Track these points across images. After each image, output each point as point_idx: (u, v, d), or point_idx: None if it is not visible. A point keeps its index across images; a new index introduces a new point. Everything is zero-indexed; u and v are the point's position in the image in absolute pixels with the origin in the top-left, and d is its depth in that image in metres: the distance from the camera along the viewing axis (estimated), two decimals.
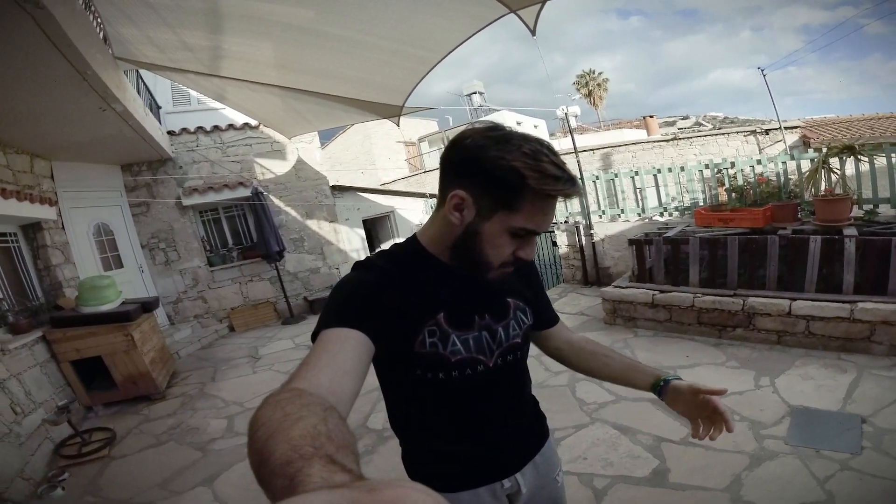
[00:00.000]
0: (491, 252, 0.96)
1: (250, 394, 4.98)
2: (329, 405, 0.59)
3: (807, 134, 11.17)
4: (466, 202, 0.93)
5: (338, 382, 0.72)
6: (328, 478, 0.40)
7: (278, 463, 0.44)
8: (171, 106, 8.56)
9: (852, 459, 2.54)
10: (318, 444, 0.46)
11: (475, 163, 0.90)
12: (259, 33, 4.20)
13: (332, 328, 0.86)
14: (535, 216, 0.92)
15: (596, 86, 36.14)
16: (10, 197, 4.70)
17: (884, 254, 3.76)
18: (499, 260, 0.97)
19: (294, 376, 0.71)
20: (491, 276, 1.00)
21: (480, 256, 0.97)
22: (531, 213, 0.91)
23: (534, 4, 3.53)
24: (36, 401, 4.21)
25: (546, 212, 0.93)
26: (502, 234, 0.93)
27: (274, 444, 0.48)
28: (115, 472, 3.73)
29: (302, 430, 0.49)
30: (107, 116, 4.98)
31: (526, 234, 0.95)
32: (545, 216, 0.94)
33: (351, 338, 0.84)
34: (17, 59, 3.40)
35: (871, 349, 3.67)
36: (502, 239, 0.94)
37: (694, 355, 4.22)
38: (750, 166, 5.68)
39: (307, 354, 0.79)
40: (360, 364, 0.82)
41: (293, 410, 0.54)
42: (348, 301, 0.93)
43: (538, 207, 0.91)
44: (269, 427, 0.51)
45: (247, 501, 3.07)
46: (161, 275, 8.01)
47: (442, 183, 0.98)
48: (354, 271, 1.03)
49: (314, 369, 0.73)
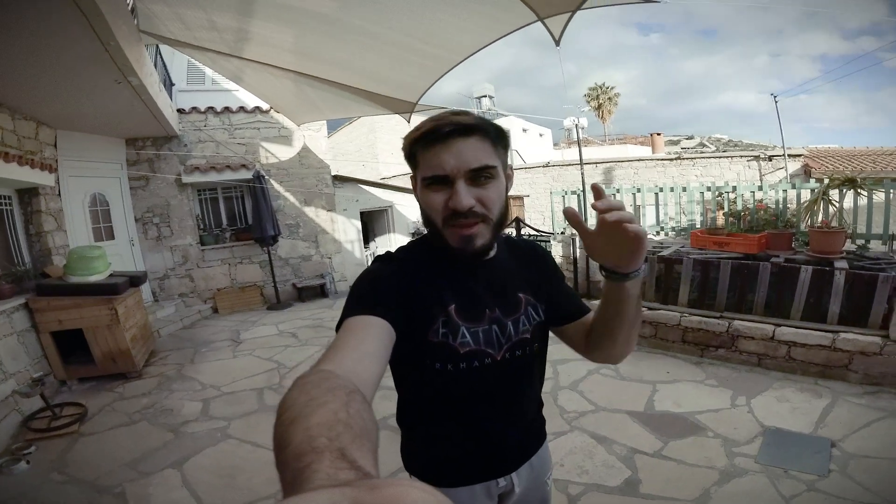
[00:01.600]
0: (429, 211, 1.01)
1: (228, 378, 4.95)
2: (353, 388, 0.60)
3: (809, 163, 11.25)
4: (414, 181, 1.05)
5: (363, 365, 0.75)
6: (333, 475, 0.40)
7: (293, 454, 0.45)
8: (184, 84, 8.56)
9: (819, 481, 2.60)
10: (333, 435, 0.47)
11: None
12: (286, 20, 4.18)
13: (356, 316, 0.89)
14: (430, 161, 0.97)
15: (607, 100, 36.23)
16: (11, 161, 4.68)
17: (870, 288, 3.86)
18: (438, 215, 1.00)
19: (322, 359, 0.74)
20: (450, 241, 1.00)
21: (429, 221, 1.03)
22: (426, 160, 0.98)
23: (563, 13, 3.50)
24: (7, 371, 4.08)
25: (442, 155, 0.96)
26: (424, 190, 1.00)
27: (293, 431, 0.49)
28: (83, 448, 3.66)
29: (321, 417, 0.50)
30: (121, 89, 4.95)
31: (433, 181, 0.98)
32: (441, 158, 0.96)
33: (374, 324, 0.87)
34: (40, 25, 3.37)
35: (848, 377, 3.76)
36: (427, 196, 0.99)
37: (675, 371, 4.26)
38: (751, 192, 5.72)
39: (334, 339, 0.83)
40: (384, 349, 0.86)
41: (318, 394, 0.56)
42: (371, 290, 0.97)
43: (429, 155, 0.97)
44: (293, 412, 0.53)
45: (217, 486, 3.04)
46: (151, 249, 7.99)
47: None
48: (375, 263, 1.08)
49: (341, 352, 0.77)
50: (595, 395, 3.91)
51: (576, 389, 4.06)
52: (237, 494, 2.93)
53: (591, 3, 3.34)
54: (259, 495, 2.87)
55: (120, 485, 3.10)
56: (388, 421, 3.56)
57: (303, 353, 5.61)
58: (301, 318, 7.42)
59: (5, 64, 3.96)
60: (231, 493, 2.96)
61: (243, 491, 2.95)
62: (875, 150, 13.44)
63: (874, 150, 13.44)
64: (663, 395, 3.83)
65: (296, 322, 7.21)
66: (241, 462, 3.30)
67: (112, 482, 3.15)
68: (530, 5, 3.42)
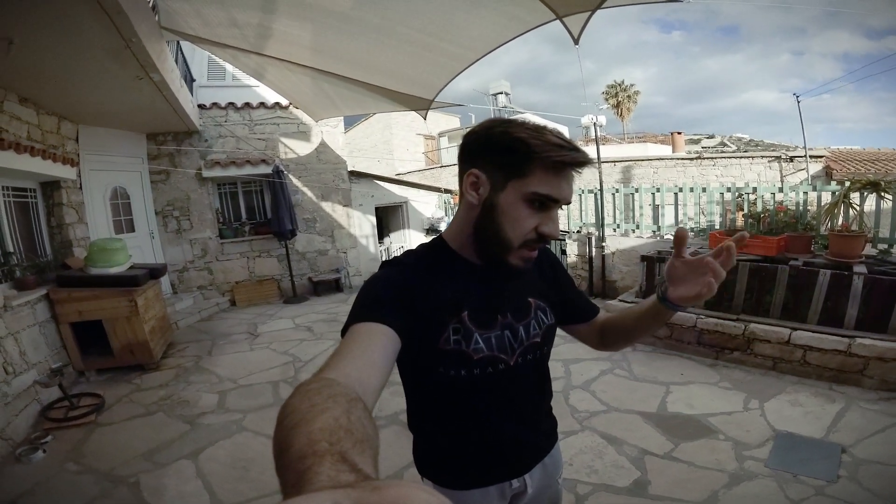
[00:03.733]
0: (509, 226, 0.97)
1: (245, 371, 5.01)
2: (355, 396, 0.60)
3: (831, 165, 11.03)
4: (481, 179, 0.97)
5: (366, 374, 0.75)
6: (335, 477, 0.41)
7: (294, 457, 0.46)
8: (205, 79, 8.62)
9: (827, 486, 2.58)
10: (334, 440, 0.48)
11: (484, 141, 0.98)
12: (304, 17, 4.19)
13: (362, 323, 0.88)
14: (547, 182, 0.93)
15: (626, 97, 35.82)
16: (36, 155, 4.79)
17: (890, 293, 3.80)
18: (519, 236, 0.97)
19: (325, 366, 0.74)
20: (513, 261, 1.00)
21: (500, 233, 0.98)
22: (543, 178, 0.93)
23: (582, 12, 3.46)
24: (30, 361, 4.19)
25: (559, 180, 0.94)
26: (518, 203, 0.95)
27: (294, 435, 0.49)
28: (100, 439, 3.72)
29: (323, 422, 0.51)
30: (142, 85, 5.02)
31: (542, 200, 0.95)
32: (559, 183, 0.95)
33: (379, 332, 0.86)
34: (62, 22, 3.43)
35: (863, 382, 3.70)
36: (519, 210, 0.95)
37: (689, 373, 4.23)
38: (771, 193, 5.64)
39: (338, 346, 0.82)
40: (388, 358, 0.85)
41: (319, 401, 0.56)
42: (377, 297, 0.96)
43: (549, 174, 0.93)
44: (295, 417, 0.53)
45: (229, 478, 3.09)
46: (171, 242, 8.12)
47: (459, 172, 1.03)
48: (383, 269, 1.07)
49: (344, 360, 0.76)
50: (607, 396, 3.91)
51: (588, 389, 4.05)
52: (250, 487, 2.98)
53: (611, 1, 3.31)
54: (271, 489, 2.90)
55: (135, 475, 3.16)
56: (400, 416, 3.61)
57: (318, 347, 5.67)
58: (316, 312, 7.49)
59: (29, 60, 4.03)
60: (244, 485, 3.01)
61: (256, 483, 3.00)
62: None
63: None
64: (676, 397, 3.81)
65: (311, 316, 7.28)
66: (255, 455, 3.35)
67: (127, 472, 3.20)
68: (549, 4, 3.40)
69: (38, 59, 4.06)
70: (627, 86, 36.38)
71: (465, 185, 1.00)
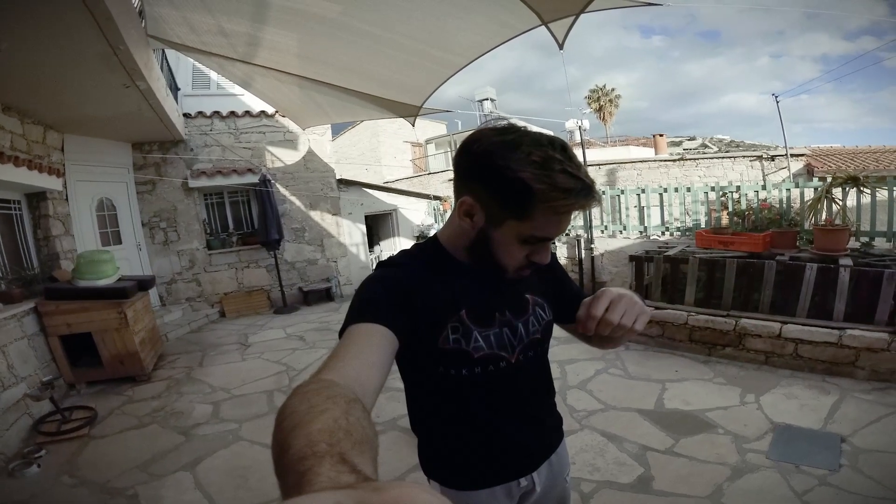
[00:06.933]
0: (504, 257, 0.97)
1: (238, 381, 4.96)
2: (354, 397, 0.60)
3: (812, 162, 11.24)
4: (475, 208, 0.94)
5: (364, 375, 0.74)
6: (335, 478, 0.41)
7: (293, 458, 0.46)
8: (189, 88, 8.58)
9: (830, 476, 2.62)
10: (334, 441, 0.47)
11: (482, 170, 0.91)
12: (292, 24, 4.19)
13: (359, 323, 0.87)
14: (547, 227, 0.92)
15: (608, 101, 36.16)
16: (21, 165, 4.73)
17: (875, 285, 3.88)
18: (513, 265, 0.98)
19: (323, 368, 0.73)
20: (508, 276, 1.02)
21: (494, 258, 0.98)
22: (543, 224, 0.91)
23: (566, 17, 3.52)
24: (18, 375, 4.12)
25: (559, 218, 0.92)
26: (513, 241, 0.94)
27: (294, 437, 0.49)
28: (94, 452, 3.67)
29: (322, 424, 0.50)
30: (129, 93, 4.99)
31: (538, 241, 0.95)
32: (559, 225, 0.93)
33: (376, 332, 0.85)
34: (50, 30, 3.41)
35: (855, 373, 3.77)
36: (513, 246, 0.95)
37: (683, 370, 4.27)
38: (755, 191, 5.75)
39: (335, 347, 0.81)
40: (385, 358, 0.84)
41: (318, 402, 0.55)
42: (374, 298, 0.94)
43: (550, 219, 0.90)
44: (294, 419, 0.53)
45: (229, 487, 3.06)
46: (158, 254, 8.03)
47: (454, 186, 1.00)
48: (379, 269, 1.06)
49: (342, 361, 0.75)
50: (604, 395, 3.93)
51: (584, 389, 4.07)
52: (250, 495, 2.95)
53: (594, 6, 3.37)
54: (271, 496, 2.88)
55: (132, 487, 3.12)
56: (398, 422, 3.60)
57: (311, 356, 5.63)
58: (308, 322, 7.43)
59: (15, 68, 4.00)
60: (244, 493, 2.98)
61: (256, 492, 2.97)
62: (877, 149, 13.37)
63: (876, 149, 13.37)
64: (672, 394, 3.84)
65: (303, 325, 7.22)
66: (253, 463, 3.31)
67: (124, 484, 3.16)
68: (534, 9, 3.46)
69: (25, 67, 4.03)
70: (609, 90, 36.76)
71: (458, 210, 0.97)
